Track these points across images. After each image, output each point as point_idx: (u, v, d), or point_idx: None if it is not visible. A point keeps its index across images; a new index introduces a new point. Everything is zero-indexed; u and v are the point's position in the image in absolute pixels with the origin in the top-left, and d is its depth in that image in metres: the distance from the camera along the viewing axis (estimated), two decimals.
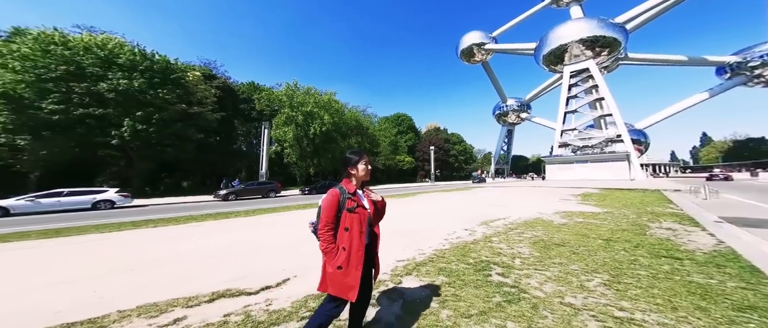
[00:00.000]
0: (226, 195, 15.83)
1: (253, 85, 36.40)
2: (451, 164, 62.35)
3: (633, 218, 6.59)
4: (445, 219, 6.80)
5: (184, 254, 3.97)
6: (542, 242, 4.36)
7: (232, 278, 2.90)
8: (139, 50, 16.80)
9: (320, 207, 1.51)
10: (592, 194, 13.45)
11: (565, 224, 5.93)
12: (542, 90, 54.73)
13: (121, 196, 11.47)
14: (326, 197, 1.47)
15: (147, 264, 3.48)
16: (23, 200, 9.57)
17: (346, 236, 1.43)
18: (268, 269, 3.24)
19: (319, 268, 1.53)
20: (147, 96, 16.01)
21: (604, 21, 34.45)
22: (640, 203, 9.40)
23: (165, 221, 7.07)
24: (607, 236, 4.75)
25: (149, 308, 2.19)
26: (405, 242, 4.44)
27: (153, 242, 4.81)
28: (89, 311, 2.16)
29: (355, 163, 1.57)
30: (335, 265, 1.39)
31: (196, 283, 2.74)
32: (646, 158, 53.13)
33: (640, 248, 3.95)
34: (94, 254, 4.08)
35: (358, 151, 1.60)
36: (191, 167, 26.25)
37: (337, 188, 1.51)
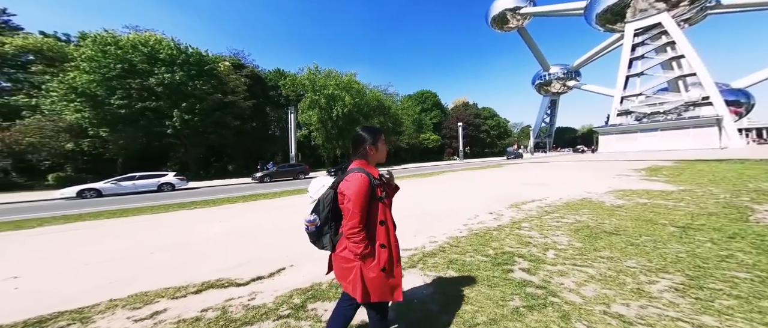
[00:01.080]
0: (261, 177, 17.16)
1: (280, 72, 37.50)
2: (483, 140, 58.24)
3: (726, 198, 5.08)
4: (468, 201, 6.15)
5: (202, 238, 4.17)
6: (587, 229, 3.54)
7: (232, 266, 2.87)
8: (175, 44, 18.20)
9: (319, 201, 1.24)
10: (661, 168, 11.10)
11: (622, 206, 4.84)
12: (595, 54, 46.15)
13: (178, 179, 13.17)
14: (352, 184, 1.13)
15: (166, 248, 3.68)
16: (109, 183, 11.61)
17: (382, 231, 1.18)
18: (271, 255, 3.17)
19: (317, 255, 1.22)
20: (188, 88, 17.58)
21: None
22: (738, 178, 7.27)
23: (204, 203, 7.76)
24: (684, 222, 3.67)
25: (138, 298, 2.20)
26: (417, 228, 4.04)
27: (183, 225, 5.20)
28: (84, 299, 2.20)
29: (374, 141, 1.26)
30: (379, 268, 1.15)
31: (196, 270, 2.77)
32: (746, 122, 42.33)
33: (737, 240, 2.92)
34: (126, 237, 4.47)
35: (375, 128, 1.30)
36: (234, 152, 28.99)
37: (363, 173, 1.18)
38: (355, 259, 1.14)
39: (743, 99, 35.51)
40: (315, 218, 1.21)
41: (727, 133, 25.15)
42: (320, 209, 1.22)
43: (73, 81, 15.24)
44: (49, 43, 18.90)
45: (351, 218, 1.10)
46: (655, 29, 30.04)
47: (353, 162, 1.26)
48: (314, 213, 1.23)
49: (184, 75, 17.52)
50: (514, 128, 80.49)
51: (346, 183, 1.14)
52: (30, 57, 18.60)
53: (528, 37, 49.59)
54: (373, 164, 1.29)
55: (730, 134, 25.07)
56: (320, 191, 1.28)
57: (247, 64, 32.82)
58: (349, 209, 1.10)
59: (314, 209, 1.24)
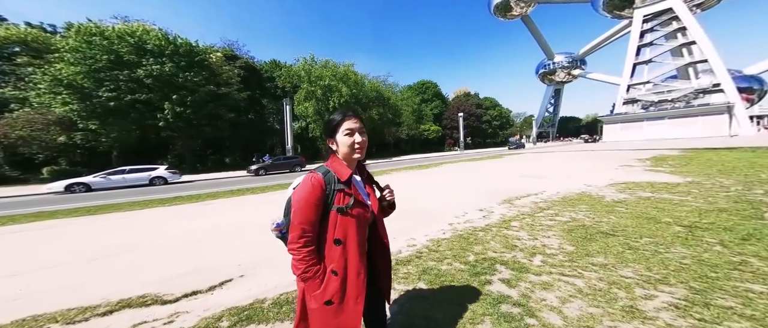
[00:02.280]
0: (256, 170, 16.92)
1: (275, 63, 36.64)
2: (484, 131, 57.40)
3: (737, 191, 4.69)
4: (459, 196, 5.82)
5: (163, 239, 3.87)
6: (582, 229, 3.21)
7: (172, 275, 2.57)
8: (163, 35, 17.56)
9: (289, 200, 1.00)
10: (667, 157, 10.63)
11: (623, 201, 4.48)
12: (602, 42, 44.49)
13: (170, 173, 12.97)
14: (299, 189, 0.93)
15: (117, 252, 3.38)
16: (98, 177, 11.42)
17: (337, 253, 0.92)
18: (224, 260, 2.88)
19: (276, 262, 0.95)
20: (178, 79, 17.09)
21: None
22: (749, 168, 6.83)
23: (187, 199, 7.52)
24: (690, 219, 3.32)
25: (21, 325, 1.87)
26: (396, 229, 3.72)
27: (153, 223, 4.90)
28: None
29: (332, 133, 1.00)
30: (322, 299, 0.89)
31: (129, 281, 2.47)
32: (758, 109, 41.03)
33: (751, 242, 2.57)
34: (86, 238, 4.18)
35: (335, 116, 1.00)
36: (231, 145, 28.75)
37: (318, 173, 0.95)
38: (299, 279, 0.92)
39: (756, 85, 34.21)
40: (282, 221, 1.01)
41: (738, 121, 24.31)
42: (286, 211, 1.01)
43: (57, 73, 14.83)
44: (34, 34, 18.36)
45: (292, 229, 0.89)
46: (665, 15, 28.65)
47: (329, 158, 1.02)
48: (284, 216, 1.02)
49: (174, 66, 16.99)
50: (517, 118, 79.14)
51: (297, 184, 0.96)
52: (15, 49, 18.09)
53: (532, 25, 47.83)
54: (348, 162, 1.00)
55: (741, 122, 24.24)
56: (289, 192, 1.06)
57: (242, 55, 32.00)
58: (292, 217, 0.89)
59: (284, 211, 1.03)
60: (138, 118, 16.69)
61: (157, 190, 10.56)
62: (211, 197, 7.65)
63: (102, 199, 8.66)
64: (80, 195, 10.03)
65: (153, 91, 16.93)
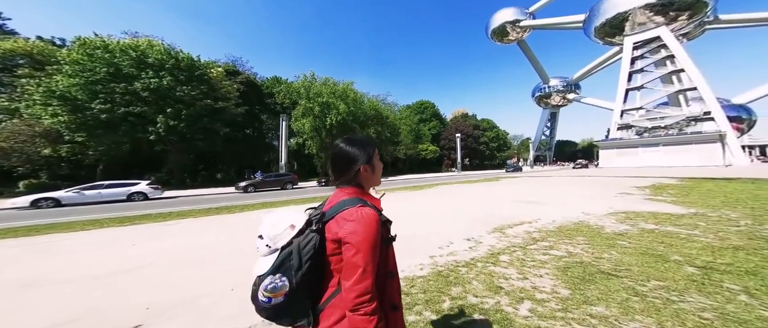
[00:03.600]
0: (245, 187, 16.43)
1: (277, 79, 37.66)
2: (482, 152, 57.77)
3: (748, 225, 4.30)
4: (447, 222, 5.38)
5: (71, 272, 3.24)
6: (579, 268, 2.77)
7: (44, 326, 2.05)
8: (166, 49, 18.01)
9: (290, 252, 0.74)
10: (666, 186, 10.31)
11: (624, 233, 4.06)
12: (595, 67, 46.49)
13: (151, 188, 12.42)
14: (359, 226, 0.73)
15: (18, 288, 2.85)
16: (71, 192, 10.80)
17: (393, 286, 0.84)
18: (131, 304, 2.36)
19: (199, 307, 0.73)
20: (175, 93, 17.18)
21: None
22: (753, 201, 6.53)
23: (152, 218, 6.93)
24: (703, 258, 2.90)
25: None
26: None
27: (92, 248, 4.29)
28: None
29: (370, 159, 0.88)
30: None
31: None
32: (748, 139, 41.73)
33: None
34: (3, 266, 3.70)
35: (366, 140, 0.91)
36: (224, 160, 28.41)
37: (369, 206, 0.80)
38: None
39: (745, 115, 35.04)
40: (284, 282, 0.72)
41: (731, 150, 24.44)
42: (293, 265, 0.74)
43: (51, 84, 14.85)
44: (40, 47, 18.84)
45: (363, 278, 0.71)
46: (654, 43, 30.12)
47: (341, 190, 0.87)
48: (280, 273, 0.73)
49: (172, 80, 17.18)
50: (514, 141, 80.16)
51: (349, 224, 0.74)
52: (19, 61, 18.43)
53: (528, 50, 50.15)
54: (368, 190, 0.92)
55: (734, 151, 24.37)
56: (283, 235, 0.78)
57: (244, 71, 32.91)
58: (359, 264, 0.71)
59: (279, 265, 0.74)
60: (129, 130, 16.49)
61: (132, 206, 9.99)
62: (180, 216, 7.10)
63: (65, 216, 8.06)
64: (46, 211, 9.31)
65: (148, 104, 16.93)
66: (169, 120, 16.79)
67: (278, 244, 0.77)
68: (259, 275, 0.74)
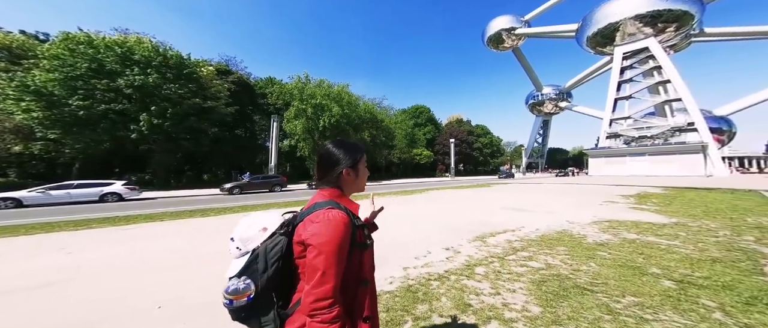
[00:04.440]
0: (231, 189, 15.97)
1: (271, 80, 37.29)
2: (476, 158, 58.23)
3: (726, 236, 4.29)
4: (430, 229, 5.22)
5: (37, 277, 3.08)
6: (555, 281, 2.64)
7: None
8: (154, 46, 17.53)
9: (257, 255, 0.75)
10: (651, 195, 10.44)
11: (606, 243, 3.98)
12: (586, 76, 47.70)
13: (127, 189, 11.86)
14: (323, 227, 0.72)
15: None
16: (35, 192, 10.12)
17: (365, 295, 0.79)
18: (75, 319, 2.13)
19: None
20: (162, 91, 16.68)
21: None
22: (731, 210, 6.65)
23: (115, 221, 6.46)
24: (681, 271, 2.82)
25: None
26: None
27: (23, 255, 3.87)
28: None
29: (354, 163, 0.86)
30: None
31: None
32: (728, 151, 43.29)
33: (758, 308, 2.06)
34: None
35: (353, 145, 0.89)
36: (213, 160, 27.76)
37: (340, 209, 0.77)
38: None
39: (725, 127, 36.31)
40: (248, 284, 0.72)
41: (712, 161, 25.20)
42: (258, 268, 0.74)
43: (26, 79, 14.20)
44: (19, 41, 18.12)
45: (322, 281, 0.68)
46: (642, 53, 31.04)
47: (320, 192, 0.86)
48: (245, 275, 0.73)
49: (159, 77, 16.69)
50: (508, 147, 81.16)
51: (313, 226, 0.73)
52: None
53: (522, 57, 51.15)
54: (349, 195, 0.91)
55: (715, 162, 25.13)
56: (254, 237, 0.79)
57: (237, 70, 32.45)
58: (319, 267, 0.69)
59: (245, 268, 0.74)
60: (109, 128, 15.84)
61: (103, 208, 9.43)
62: (148, 219, 6.70)
63: (21, 218, 7.47)
64: (2, 212, 8.64)
65: (132, 102, 16.35)
66: (153, 118, 16.24)
67: (248, 247, 0.77)
68: (229, 277, 0.75)
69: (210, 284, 2.73)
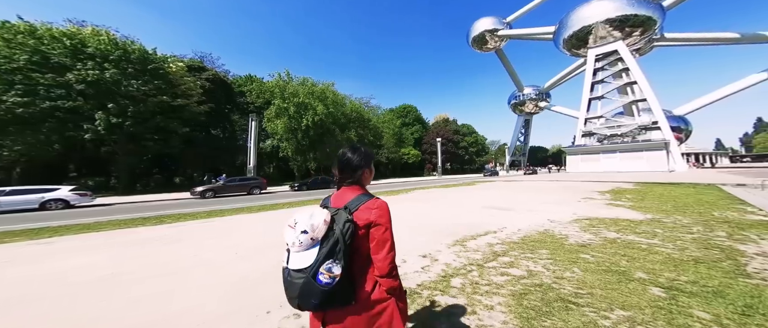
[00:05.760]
0: (203, 192, 14.84)
1: (250, 77, 35.64)
2: (461, 157, 59.25)
3: (701, 231, 4.28)
4: (409, 234, 4.87)
5: None
6: (538, 292, 2.35)
7: None
8: (111, 38, 15.82)
9: (338, 239, 0.94)
10: (625, 190, 10.79)
11: (588, 244, 3.80)
12: (563, 77, 49.86)
13: (76, 195, 10.49)
14: (383, 211, 1.03)
15: None
16: None
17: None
18: None
19: None
20: (122, 87, 15.07)
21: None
22: (698, 204, 6.88)
23: (39, 233, 5.57)
24: (666, 275, 2.62)
25: None
26: None
27: None
28: None
29: (370, 165, 1.19)
30: (404, 294, 1.14)
31: None
32: (685, 147, 47.02)
33: (756, 320, 1.84)
34: None
35: (368, 152, 1.19)
36: (186, 162, 25.90)
37: (382, 199, 1.08)
38: (388, 296, 1.03)
39: (683, 125, 39.41)
40: (339, 263, 0.91)
41: (674, 157, 27.08)
42: (339, 249, 0.93)
43: None
44: None
45: (391, 248, 1.01)
46: (612, 56, 32.79)
47: (347, 189, 1.14)
48: (332, 258, 0.91)
49: (118, 73, 15.08)
50: (492, 146, 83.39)
51: (376, 211, 1.03)
52: None
53: (504, 58, 52.49)
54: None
55: (676, 158, 27.03)
56: (321, 227, 0.95)
57: (212, 67, 30.62)
58: (388, 239, 1.01)
59: (330, 252, 0.91)
60: (57, 128, 14.05)
61: (40, 217, 8.21)
62: (82, 229, 5.80)
63: None
64: None
65: (86, 98, 14.64)
66: (111, 117, 14.64)
67: (320, 236, 0.94)
68: (299, 269, 0.91)
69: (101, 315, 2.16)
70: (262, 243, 4.56)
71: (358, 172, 1.12)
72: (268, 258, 3.67)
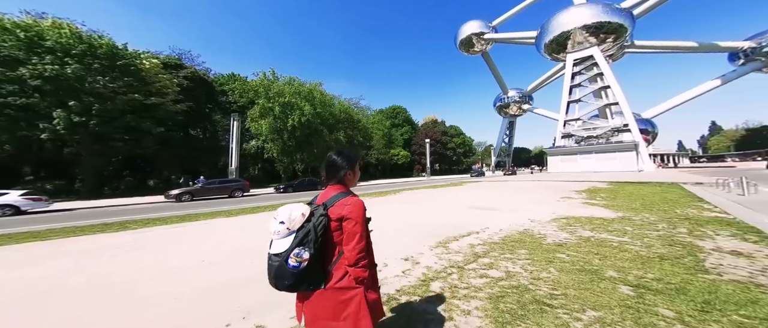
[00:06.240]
0: (179, 195, 14.03)
1: (233, 76, 34.32)
2: (449, 158, 60.30)
3: (665, 229, 4.53)
4: (393, 235, 4.81)
5: None
6: (514, 295, 2.35)
7: None
8: (74, 31, 14.53)
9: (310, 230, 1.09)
10: (599, 189, 11.35)
11: (564, 243, 3.91)
12: (545, 80, 52.11)
13: (28, 199, 9.52)
14: (355, 208, 1.16)
15: None
16: None
17: (371, 252, 1.30)
18: None
19: None
20: (86, 84, 13.88)
21: (609, 6, 31.93)
22: (663, 202, 7.33)
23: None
24: (635, 273, 2.72)
25: None
26: (265, 301, 2.43)
27: None
28: None
29: (353, 167, 1.33)
30: (377, 288, 1.31)
31: None
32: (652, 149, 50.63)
33: (713, 315, 1.92)
34: None
35: (352, 155, 1.35)
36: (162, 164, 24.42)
37: (358, 197, 1.24)
38: (357, 286, 1.14)
39: (650, 128, 42.42)
40: (308, 249, 1.07)
41: (642, 158, 29.01)
42: (310, 239, 1.08)
43: None
44: None
45: (360, 241, 1.12)
46: (588, 61, 34.68)
47: (331, 187, 1.29)
48: (302, 246, 1.07)
49: (81, 68, 13.85)
50: (479, 147, 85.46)
51: (348, 207, 1.15)
52: None
53: (490, 62, 54.02)
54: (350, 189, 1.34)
55: (644, 159, 28.98)
56: (298, 220, 1.12)
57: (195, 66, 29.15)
58: (358, 232, 1.13)
59: (301, 240, 1.08)
60: (7, 126, 12.71)
61: None
62: (31, 237, 5.24)
63: None
64: None
65: (42, 95, 13.33)
66: (73, 115, 13.45)
67: (295, 227, 1.10)
68: (277, 253, 1.09)
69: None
70: (235, 249, 4.32)
71: (341, 172, 1.28)
72: (239, 265, 3.47)
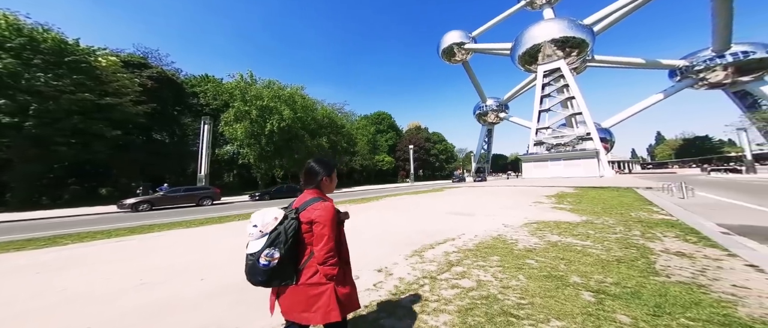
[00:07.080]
0: (136, 205, 12.68)
1: (206, 77, 32.43)
2: (432, 164, 61.53)
3: (622, 231, 4.85)
4: (369, 245, 4.66)
5: None
6: (483, 305, 2.32)
7: None
8: (11, 22, 12.66)
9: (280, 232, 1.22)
10: (567, 195, 12.09)
11: (533, 248, 4.01)
12: (519, 90, 55.45)
13: None
14: (324, 212, 1.26)
15: None
16: None
17: (346, 251, 1.43)
18: None
19: None
20: (21, 81, 12.17)
21: (574, 22, 35.15)
22: (620, 206, 7.94)
23: None
24: (596, 277, 2.82)
25: None
26: (228, 305, 2.16)
27: None
28: None
29: (330, 174, 1.45)
30: (349, 283, 1.38)
31: None
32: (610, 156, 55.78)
33: (664, 320, 2.01)
34: None
35: (330, 162, 1.48)
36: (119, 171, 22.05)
37: (328, 201, 1.34)
38: (327, 282, 1.25)
39: (608, 136, 46.73)
40: (278, 250, 1.19)
41: (603, 165, 31.74)
42: (281, 240, 1.21)
43: None
44: None
45: (328, 242, 1.23)
46: (556, 73, 37.61)
47: (308, 192, 1.39)
48: (273, 246, 1.20)
49: (18, 63, 12.18)
50: (460, 153, 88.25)
51: (317, 211, 1.25)
52: None
53: (470, 71, 56.45)
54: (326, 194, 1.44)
55: (604, 165, 31.73)
56: (271, 223, 1.24)
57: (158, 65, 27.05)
58: (326, 234, 1.23)
59: (271, 242, 1.20)
60: None
61: None
62: None
63: None
64: None
65: None
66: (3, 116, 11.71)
67: (268, 230, 1.21)
68: (251, 253, 1.20)
69: None
70: (185, 265, 3.89)
71: (318, 178, 1.39)
72: (185, 285, 3.11)
